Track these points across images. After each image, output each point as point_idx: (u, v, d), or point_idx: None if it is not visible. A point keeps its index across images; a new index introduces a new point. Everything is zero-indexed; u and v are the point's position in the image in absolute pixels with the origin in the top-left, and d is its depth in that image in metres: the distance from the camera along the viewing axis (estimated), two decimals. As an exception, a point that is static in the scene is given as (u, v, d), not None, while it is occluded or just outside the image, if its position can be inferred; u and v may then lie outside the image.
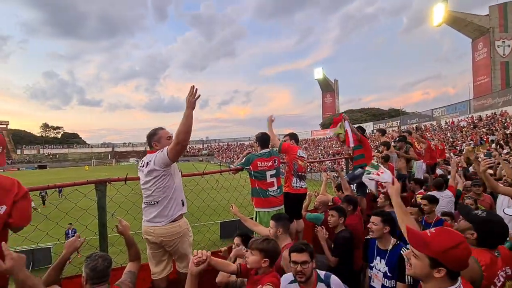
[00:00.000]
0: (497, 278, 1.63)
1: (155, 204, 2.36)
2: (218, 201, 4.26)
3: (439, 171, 6.49)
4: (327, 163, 27.28)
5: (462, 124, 29.68)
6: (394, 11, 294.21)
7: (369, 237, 2.60)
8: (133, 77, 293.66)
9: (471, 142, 22.43)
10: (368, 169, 2.51)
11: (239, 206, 3.20)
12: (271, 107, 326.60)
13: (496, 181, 3.06)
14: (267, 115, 3.77)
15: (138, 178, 2.53)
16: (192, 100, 2.15)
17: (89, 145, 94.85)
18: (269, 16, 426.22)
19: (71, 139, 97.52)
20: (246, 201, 3.66)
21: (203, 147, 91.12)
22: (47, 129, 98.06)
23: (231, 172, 3.52)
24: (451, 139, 25.62)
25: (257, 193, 3.15)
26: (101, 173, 38.43)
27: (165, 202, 2.36)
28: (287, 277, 1.97)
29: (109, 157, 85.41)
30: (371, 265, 2.51)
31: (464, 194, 4.29)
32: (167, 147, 2.28)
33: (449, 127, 31.18)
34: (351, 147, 4.59)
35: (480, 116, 29.41)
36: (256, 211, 3.19)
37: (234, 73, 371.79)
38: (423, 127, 34.81)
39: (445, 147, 14.27)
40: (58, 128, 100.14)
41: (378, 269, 2.43)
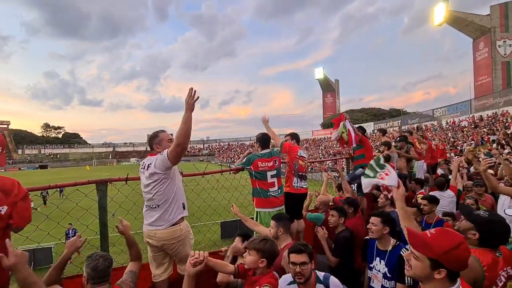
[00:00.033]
0: (498, 278, 1.63)
1: (155, 208, 2.36)
2: (218, 201, 4.26)
3: (440, 171, 6.49)
4: (327, 163, 27.25)
5: (463, 124, 29.62)
6: (394, 11, 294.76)
7: (368, 238, 2.59)
8: (134, 77, 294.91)
9: (472, 142, 22.38)
10: (370, 169, 2.32)
11: (239, 206, 3.20)
12: (271, 107, 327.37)
13: (497, 181, 3.05)
14: (268, 115, 3.76)
15: (138, 178, 2.54)
16: (191, 102, 2.15)
17: (90, 145, 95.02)
18: (269, 16, 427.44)
19: (72, 139, 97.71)
20: (246, 201, 3.66)
21: (203, 147, 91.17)
22: (48, 129, 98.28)
23: (231, 172, 3.52)
24: (452, 139, 25.57)
25: (257, 193, 3.15)
26: (102, 173, 38.48)
27: (166, 205, 2.36)
28: (286, 278, 1.97)
29: (110, 157, 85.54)
30: (371, 265, 2.50)
31: (464, 194, 4.28)
32: (167, 150, 2.28)
33: (450, 127, 31.12)
34: (351, 147, 4.58)
35: (481, 116, 29.34)
36: (256, 211, 3.19)
37: (234, 73, 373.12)
38: (424, 127, 34.74)
39: (446, 147, 14.25)
40: (59, 128, 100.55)
41: (377, 270, 2.41)
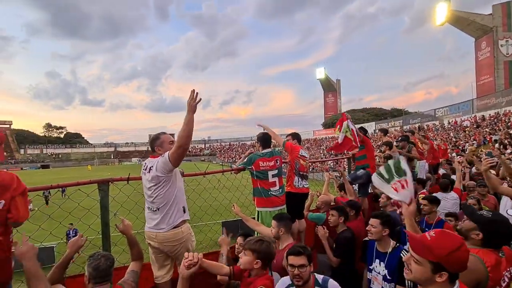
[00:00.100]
0: (502, 279, 1.62)
1: (156, 210, 2.37)
2: (220, 201, 4.27)
3: (442, 170, 6.47)
4: (329, 163, 27.24)
5: (465, 124, 29.50)
6: (395, 11, 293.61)
7: (367, 239, 2.57)
8: (135, 77, 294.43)
9: (474, 142, 22.29)
10: (386, 169, 2.09)
11: (240, 206, 3.20)
12: (272, 107, 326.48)
13: (498, 181, 3.04)
14: (268, 115, 3.85)
15: (140, 178, 2.55)
16: (193, 104, 2.16)
17: (91, 145, 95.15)
18: (270, 16, 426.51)
19: (74, 139, 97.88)
20: (247, 201, 3.66)
21: (205, 147, 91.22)
22: (50, 129, 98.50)
23: (233, 172, 3.52)
24: (454, 139, 25.47)
25: (259, 192, 3.14)
26: (104, 173, 38.59)
27: (166, 208, 2.36)
28: (284, 281, 1.94)
29: (112, 157, 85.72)
30: (370, 267, 2.48)
31: (466, 194, 4.26)
32: (168, 152, 2.28)
33: (452, 127, 31.00)
34: (358, 145, 4.55)
35: (483, 115, 29.21)
36: (258, 211, 3.18)
37: (235, 73, 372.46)
38: (425, 127, 34.64)
39: (448, 147, 14.20)
40: (61, 128, 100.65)
41: (377, 272, 2.38)
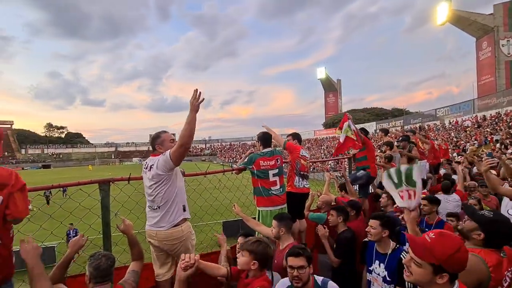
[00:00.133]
0: (504, 279, 1.62)
1: (157, 209, 2.38)
2: (220, 201, 4.27)
3: (442, 170, 6.46)
4: (330, 163, 27.22)
5: (466, 123, 29.43)
6: (396, 10, 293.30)
7: (367, 240, 2.56)
8: (136, 77, 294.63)
9: (475, 142, 22.24)
10: (397, 174, 2.05)
11: (241, 205, 3.20)
12: (273, 107, 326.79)
13: (498, 181, 3.04)
14: (269, 115, 3.84)
15: (141, 177, 2.56)
16: (195, 103, 2.17)
17: (92, 144, 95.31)
18: (271, 16, 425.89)
19: (75, 139, 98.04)
20: (248, 200, 3.66)
21: (205, 146, 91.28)
22: (51, 129, 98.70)
23: (234, 172, 3.52)
24: (455, 139, 25.42)
25: (259, 192, 3.14)
26: (105, 173, 38.65)
27: (167, 207, 2.37)
28: (284, 282, 1.94)
29: (112, 157, 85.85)
30: (370, 268, 2.47)
31: (467, 194, 4.26)
32: (170, 150, 2.28)
33: (453, 127, 30.95)
34: (360, 145, 4.54)
35: (484, 115, 29.14)
36: (258, 210, 3.17)
37: (236, 73, 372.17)
38: (426, 127, 34.58)
39: (449, 147, 14.17)
40: (62, 128, 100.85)
41: (377, 273, 2.37)
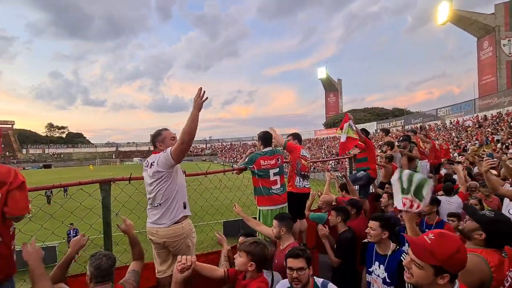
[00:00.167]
0: (506, 279, 1.62)
1: (157, 206, 2.39)
2: (221, 201, 4.27)
3: (443, 170, 6.45)
4: (330, 163, 27.23)
5: (467, 123, 29.38)
6: (398, 10, 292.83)
7: (367, 241, 2.54)
8: (137, 77, 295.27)
9: (476, 142, 22.19)
10: (407, 182, 1.96)
11: (242, 205, 3.20)
12: (274, 106, 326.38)
13: (498, 182, 3.03)
14: (270, 114, 3.88)
15: (141, 177, 2.56)
16: (199, 101, 2.18)
17: (93, 144, 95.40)
18: (272, 16, 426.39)
19: (76, 139, 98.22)
20: (249, 200, 3.66)
21: (206, 146, 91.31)
22: (52, 129, 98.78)
23: (234, 172, 3.52)
24: (456, 139, 25.37)
25: (260, 191, 3.13)
26: (105, 173, 38.70)
27: (167, 204, 2.38)
28: (283, 283, 1.93)
29: (113, 157, 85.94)
30: (370, 270, 2.46)
31: (468, 194, 4.25)
32: (170, 148, 2.29)
33: (454, 127, 30.89)
34: (362, 144, 4.53)
35: (485, 115, 29.10)
36: (259, 209, 3.17)
37: (237, 73, 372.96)
38: (427, 127, 34.52)
39: (450, 147, 14.14)
40: (63, 128, 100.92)
41: (377, 275, 2.36)
